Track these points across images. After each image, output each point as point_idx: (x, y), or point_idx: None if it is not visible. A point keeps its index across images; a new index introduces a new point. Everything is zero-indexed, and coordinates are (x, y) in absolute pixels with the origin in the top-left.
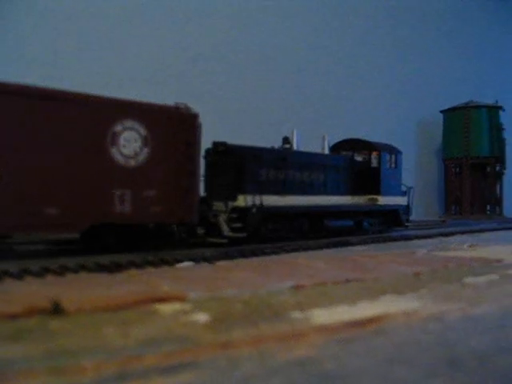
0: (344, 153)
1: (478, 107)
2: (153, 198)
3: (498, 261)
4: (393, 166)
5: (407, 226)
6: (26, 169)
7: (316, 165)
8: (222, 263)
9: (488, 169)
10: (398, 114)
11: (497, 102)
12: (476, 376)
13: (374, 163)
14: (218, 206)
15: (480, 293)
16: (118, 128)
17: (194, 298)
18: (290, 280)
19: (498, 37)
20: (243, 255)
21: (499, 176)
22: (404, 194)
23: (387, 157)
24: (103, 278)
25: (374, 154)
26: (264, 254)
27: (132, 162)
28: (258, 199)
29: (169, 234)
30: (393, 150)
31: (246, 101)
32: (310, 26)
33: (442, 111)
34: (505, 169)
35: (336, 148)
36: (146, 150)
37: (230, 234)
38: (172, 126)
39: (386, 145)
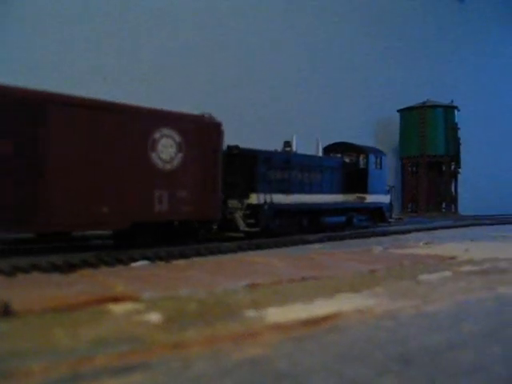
0: (333, 155)
1: (434, 107)
2: (185, 198)
3: (452, 258)
4: (378, 167)
5: (390, 222)
6: (89, 172)
7: (314, 166)
8: (177, 262)
9: (443, 168)
10: (357, 114)
11: (452, 102)
12: (427, 372)
13: (362, 165)
14: (233, 203)
15: (434, 290)
16: (157, 135)
17: (148, 297)
18: (246, 278)
19: (455, 38)
20: (199, 254)
21: (454, 175)
22: (388, 192)
23: (373, 159)
24: (56, 278)
25: (362, 157)
26: (220, 252)
27: (168, 166)
28: (268, 197)
29: (192, 230)
30: (378, 153)
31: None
32: (272, 20)
33: (398, 110)
34: (460, 167)
35: (327, 150)
36: (179, 155)
37: (246, 228)
38: (200, 133)
39: (373, 148)
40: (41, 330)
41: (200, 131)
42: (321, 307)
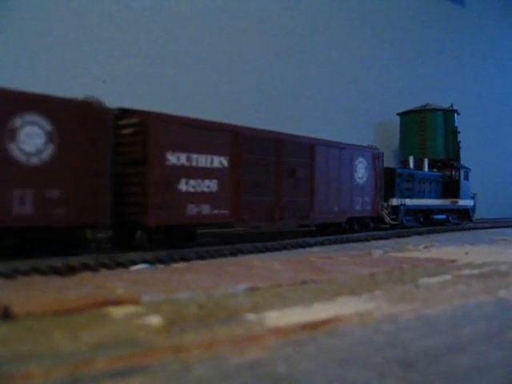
0: (435, 170)
1: (434, 110)
2: (367, 201)
3: (452, 261)
4: (466, 179)
5: (473, 221)
6: (329, 186)
7: (426, 179)
8: (177, 265)
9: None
10: (357, 116)
11: (452, 105)
12: (427, 376)
13: (455, 177)
14: None
15: (433, 293)
16: (357, 161)
17: (148, 300)
18: (246, 282)
19: (456, 41)
20: (199, 257)
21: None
22: (472, 198)
23: (463, 173)
24: (56, 281)
25: (455, 171)
26: (220, 255)
27: (361, 181)
28: (402, 201)
29: (366, 222)
30: (466, 169)
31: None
32: (266, 22)
33: (398, 114)
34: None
35: (429, 166)
36: (366, 174)
37: (391, 222)
38: (374, 158)
39: (462, 165)
40: (41, 333)
41: (373, 157)
42: (321, 311)
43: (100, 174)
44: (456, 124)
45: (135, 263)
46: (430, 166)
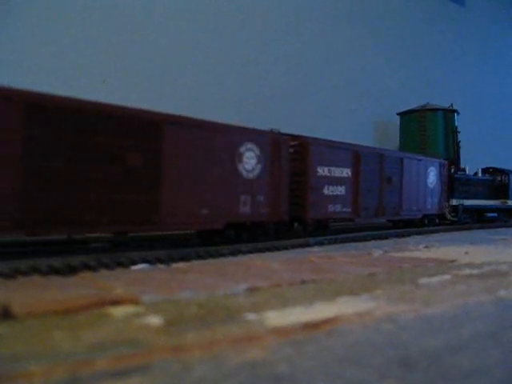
0: (487, 175)
1: (434, 110)
2: (435, 202)
3: (452, 261)
4: None
5: None
6: (413, 191)
7: (479, 183)
8: (178, 265)
9: None
10: (356, 115)
11: (452, 105)
12: (427, 376)
13: (505, 181)
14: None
15: (433, 293)
16: (428, 170)
17: (148, 300)
18: (246, 282)
19: (456, 41)
20: (199, 257)
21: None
22: None
23: None
24: (56, 281)
25: (504, 175)
26: (221, 255)
27: (431, 186)
28: (460, 201)
29: (432, 219)
30: None
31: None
32: (266, 23)
33: (398, 113)
34: (459, 171)
35: (482, 172)
36: (436, 181)
37: (452, 218)
38: (441, 168)
39: (510, 170)
40: (40, 332)
41: (440, 166)
42: (320, 310)
43: (284, 184)
44: (456, 124)
45: (135, 263)
46: (483, 172)
